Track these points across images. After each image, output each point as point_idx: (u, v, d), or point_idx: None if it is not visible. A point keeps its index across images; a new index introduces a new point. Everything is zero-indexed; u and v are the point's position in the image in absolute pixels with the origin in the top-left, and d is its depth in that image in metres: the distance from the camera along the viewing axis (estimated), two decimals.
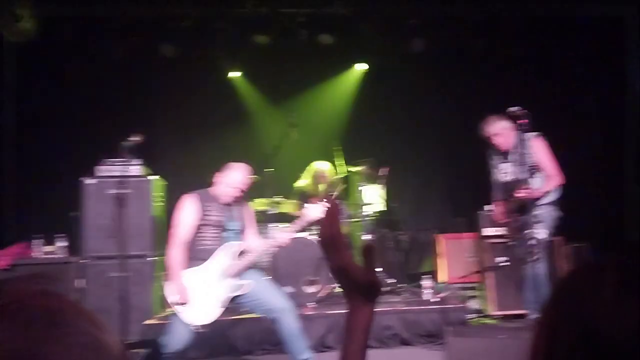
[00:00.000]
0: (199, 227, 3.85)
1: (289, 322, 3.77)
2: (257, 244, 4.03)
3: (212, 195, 3.98)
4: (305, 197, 6.27)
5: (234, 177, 3.96)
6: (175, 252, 3.78)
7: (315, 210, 3.91)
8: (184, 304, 3.67)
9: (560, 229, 5.81)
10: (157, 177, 5.58)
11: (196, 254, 3.83)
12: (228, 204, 3.98)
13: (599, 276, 0.71)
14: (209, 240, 3.85)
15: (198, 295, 3.72)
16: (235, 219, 3.99)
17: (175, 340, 3.70)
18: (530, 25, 6.90)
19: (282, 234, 4.02)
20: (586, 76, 7.08)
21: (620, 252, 0.74)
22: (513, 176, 4.58)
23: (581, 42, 6.88)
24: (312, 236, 5.61)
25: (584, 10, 6.36)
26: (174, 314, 3.73)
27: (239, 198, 4.03)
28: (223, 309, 3.80)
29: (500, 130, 4.62)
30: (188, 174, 6.33)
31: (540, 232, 4.34)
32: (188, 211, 3.87)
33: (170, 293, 3.71)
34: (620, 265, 0.72)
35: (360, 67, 7.65)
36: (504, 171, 4.71)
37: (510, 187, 4.55)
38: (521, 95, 4.59)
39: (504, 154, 4.69)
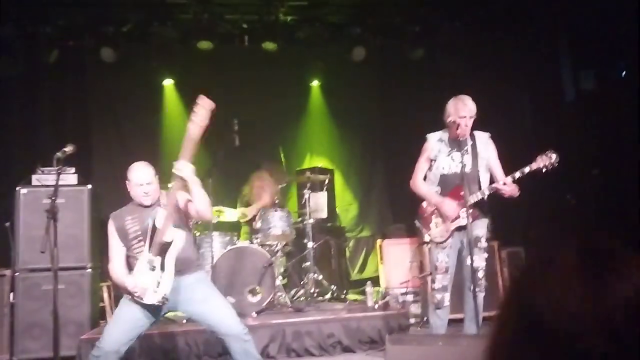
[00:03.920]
0: (129, 245, 3.67)
1: (240, 346, 3.62)
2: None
3: (129, 208, 3.78)
4: (249, 205, 6.24)
5: (135, 176, 3.72)
6: (118, 273, 3.63)
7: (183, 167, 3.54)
8: (143, 293, 3.51)
9: (497, 233, 6.01)
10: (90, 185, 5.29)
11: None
12: (144, 208, 3.73)
13: (546, 268, 0.79)
14: (136, 256, 3.64)
15: (148, 279, 3.53)
16: (155, 219, 3.66)
17: (106, 342, 3.53)
18: (467, 33, 7.10)
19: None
20: (521, 84, 7.34)
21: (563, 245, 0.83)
22: (466, 169, 4.06)
23: (517, 48, 7.10)
24: (255, 245, 5.58)
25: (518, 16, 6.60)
26: (124, 303, 3.58)
27: (156, 199, 3.76)
28: (172, 277, 3.54)
29: (474, 114, 4.11)
30: (123, 182, 6.18)
31: (482, 259, 4.12)
32: (110, 234, 3.72)
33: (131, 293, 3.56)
34: (565, 258, 0.80)
35: (310, 83, 7.68)
36: (456, 162, 4.18)
37: (461, 180, 4.06)
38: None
39: (458, 143, 4.14)
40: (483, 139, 4.31)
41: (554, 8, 6.68)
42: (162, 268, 3.55)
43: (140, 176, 3.73)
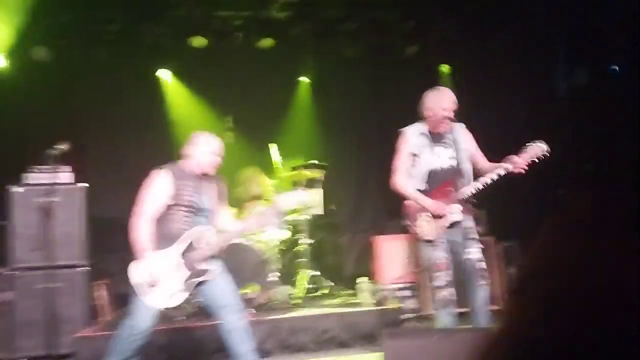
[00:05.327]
0: (169, 207, 3.59)
1: (235, 323, 3.68)
2: (231, 225, 3.88)
3: (185, 171, 3.71)
4: (241, 203, 6.22)
5: (215, 144, 3.76)
6: (142, 229, 3.54)
7: (289, 200, 3.85)
8: (150, 285, 3.51)
9: (492, 228, 6.03)
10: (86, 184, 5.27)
11: (164, 236, 3.59)
12: (201, 180, 3.73)
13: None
14: (179, 223, 3.60)
15: (163, 277, 3.54)
16: (208, 196, 3.75)
17: (141, 320, 3.55)
18: (460, 29, 7.11)
19: (260, 217, 3.79)
20: (514, 80, 7.35)
21: None
22: (451, 162, 4.06)
23: (510, 44, 7.10)
24: (250, 241, 5.58)
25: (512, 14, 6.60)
26: (136, 296, 3.55)
27: (214, 171, 3.81)
28: (188, 294, 3.63)
29: (456, 106, 4.05)
30: (117, 179, 6.21)
31: (479, 250, 4.05)
32: (159, 188, 3.60)
33: (135, 273, 3.52)
34: None
35: (304, 79, 7.68)
36: (439, 156, 4.08)
37: (448, 175, 4.04)
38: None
39: (440, 136, 4.11)
40: (460, 129, 4.19)
41: (548, 3, 6.70)
42: (185, 287, 3.59)
43: (220, 146, 3.79)
